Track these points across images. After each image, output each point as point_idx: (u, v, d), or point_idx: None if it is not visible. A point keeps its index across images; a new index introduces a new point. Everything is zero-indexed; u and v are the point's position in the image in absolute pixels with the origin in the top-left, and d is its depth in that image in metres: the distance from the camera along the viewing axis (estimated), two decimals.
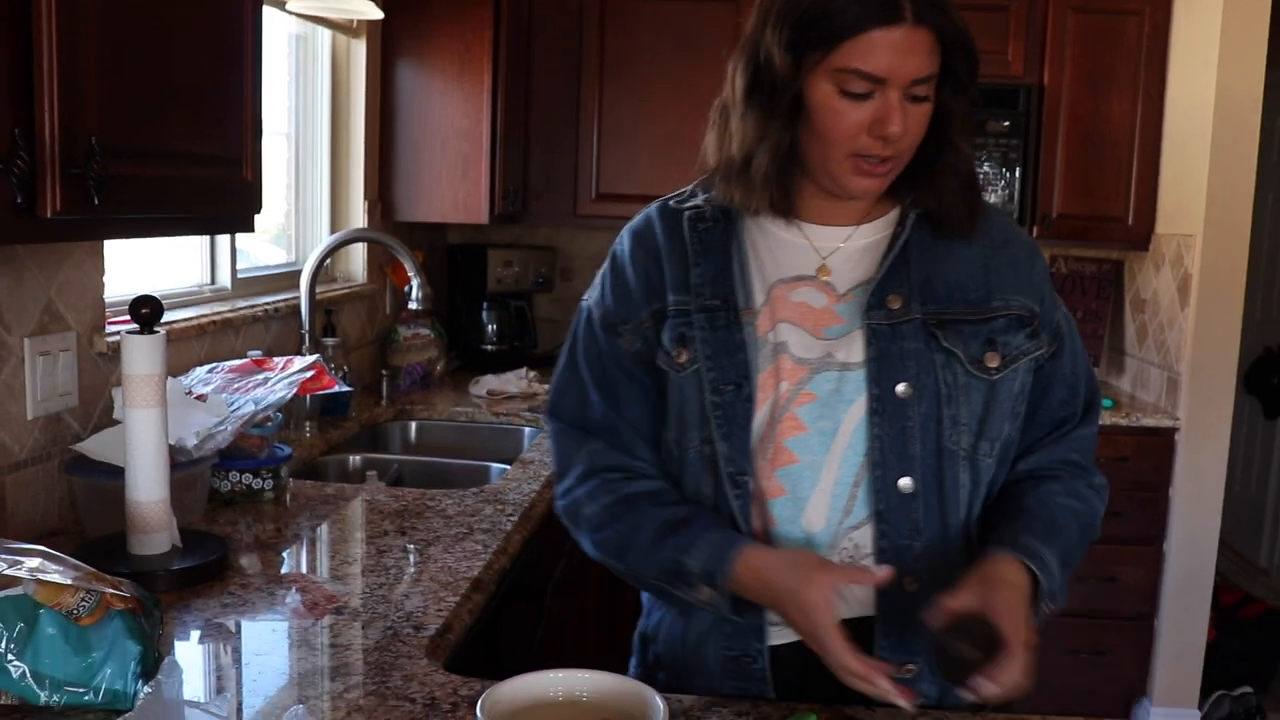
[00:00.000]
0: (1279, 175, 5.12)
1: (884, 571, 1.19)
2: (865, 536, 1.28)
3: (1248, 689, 3.71)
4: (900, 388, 1.25)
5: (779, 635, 1.30)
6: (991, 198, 3.71)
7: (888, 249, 1.29)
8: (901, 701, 1.11)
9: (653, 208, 1.39)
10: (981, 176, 3.69)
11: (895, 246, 1.29)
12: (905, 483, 1.26)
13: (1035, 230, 3.77)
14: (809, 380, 1.27)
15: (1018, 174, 3.71)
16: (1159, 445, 3.56)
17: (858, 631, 1.23)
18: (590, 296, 1.40)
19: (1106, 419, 3.54)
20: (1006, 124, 3.68)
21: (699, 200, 1.35)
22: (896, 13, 1.16)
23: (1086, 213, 3.78)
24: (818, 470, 1.27)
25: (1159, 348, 3.72)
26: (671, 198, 1.39)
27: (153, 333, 1.62)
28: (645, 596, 1.45)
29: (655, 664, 1.42)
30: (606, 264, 1.40)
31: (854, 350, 1.27)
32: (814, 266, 1.31)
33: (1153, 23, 3.68)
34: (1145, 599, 3.63)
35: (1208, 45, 3.42)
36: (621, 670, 1.28)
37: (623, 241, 1.39)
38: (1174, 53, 3.66)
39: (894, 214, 1.32)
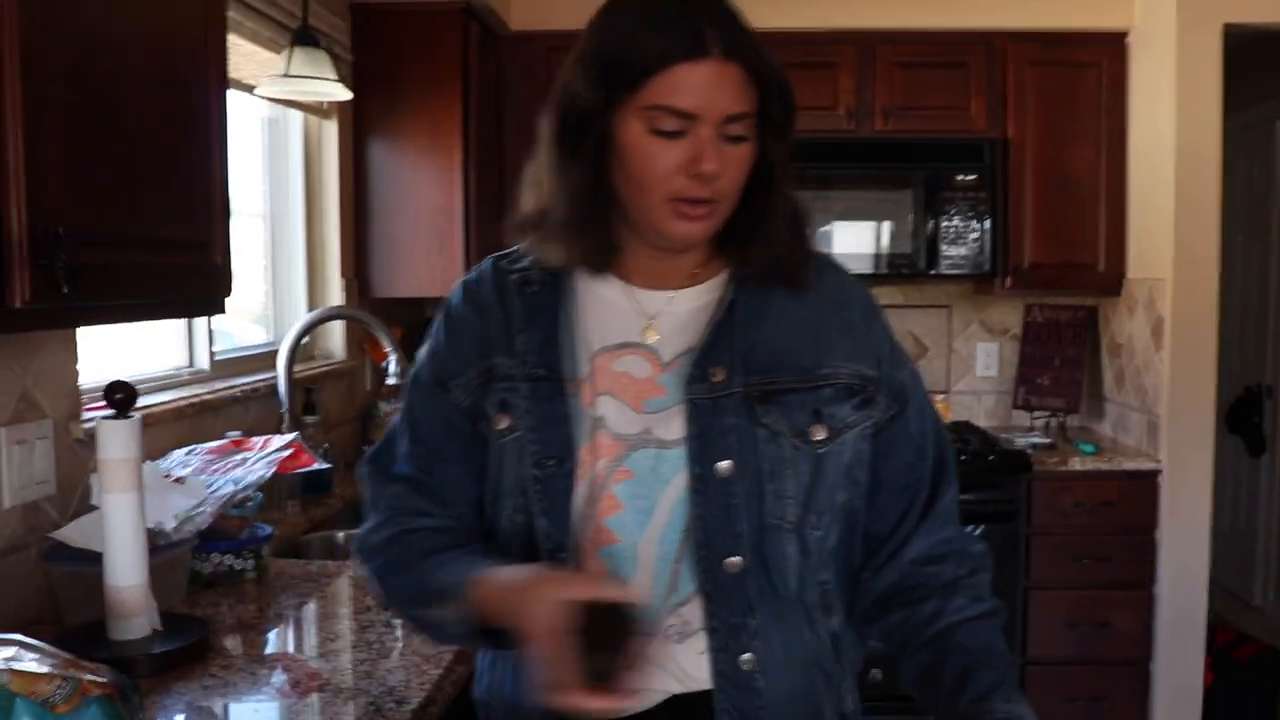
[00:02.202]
0: (1247, 216, 5.20)
1: (637, 590, 1.17)
2: (694, 612, 1.22)
3: None
4: (722, 465, 1.20)
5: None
6: (962, 250, 3.76)
7: (714, 314, 1.24)
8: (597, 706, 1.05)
9: (486, 263, 1.34)
10: (952, 230, 3.74)
11: (720, 312, 1.24)
12: (733, 560, 1.20)
13: (1008, 281, 3.81)
14: (626, 457, 1.21)
15: (987, 226, 3.76)
16: (1143, 488, 3.57)
17: (697, 705, 1.21)
18: (423, 349, 1.34)
19: (1090, 464, 3.56)
20: (974, 177, 3.74)
21: (526, 263, 1.30)
22: (701, 47, 1.13)
23: (1058, 261, 3.83)
24: (635, 549, 1.22)
25: (1137, 391, 3.75)
26: (503, 256, 1.34)
27: (127, 417, 1.62)
28: (479, 659, 1.36)
29: None
30: (439, 316, 1.34)
31: (673, 427, 1.21)
32: (639, 329, 1.26)
33: (1110, 74, 3.76)
34: (1139, 643, 3.61)
35: (1165, 94, 3.50)
36: None
37: (455, 295, 1.34)
38: (1133, 102, 3.74)
39: (722, 277, 1.28)
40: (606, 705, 1.04)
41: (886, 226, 3.77)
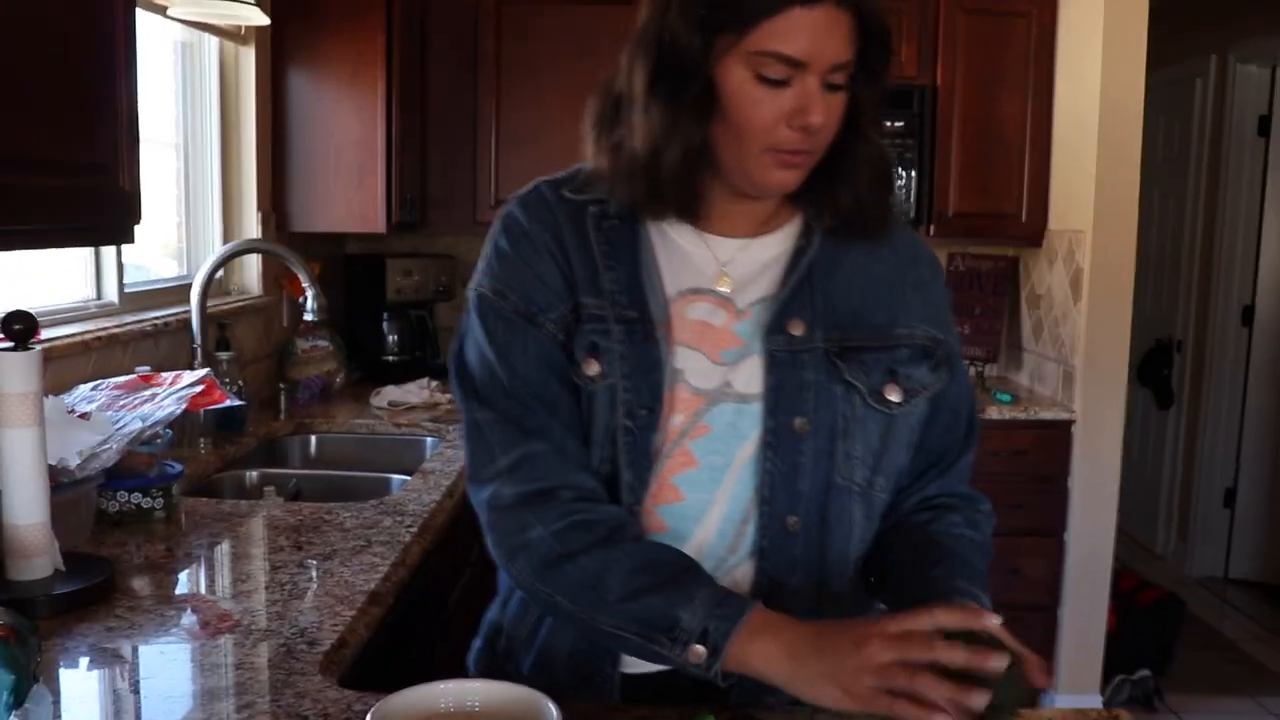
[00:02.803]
0: (1164, 172, 5.29)
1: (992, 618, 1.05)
2: (745, 573, 1.20)
3: (1146, 672, 3.82)
4: (797, 421, 1.17)
5: (633, 665, 1.23)
6: None
7: (791, 265, 1.21)
8: None
9: (543, 186, 1.24)
10: None
11: (800, 264, 1.21)
12: (793, 519, 1.19)
13: (932, 229, 3.83)
14: (705, 412, 1.18)
15: (913, 174, 3.77)
16: (1056, 438, 3.64)
17: None
18: (483, 282, 1.22)
19: (1006, 413, 3.61)
20: (901, 124, 3.74)
21: (595, 194, 1.22)
22: None
23: (981, 210, 3.86)
24: (704, 508, 1.19)
25: (1054, 342, 3.81)
26: (556, 182, 1.24)
27: (28, 349, 1.55)
28: (503, 582, 1.32)
29: (506, 654, 1.31)
30: (501, 242, 1.22)
31: (753, 380, 1.18)
32: (712, 276, 1.21)
33: (1039, 24, 3.77)
34: (1047, 590, 3.70)
35: (1091, 47, 3.52)
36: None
37: (518, 216, 1.22)
38: (1061, 54, 3.76)
39: (796, 226, 1.24)
40: None
41: None
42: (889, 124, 3.73)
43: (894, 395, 1.20)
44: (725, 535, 1.20)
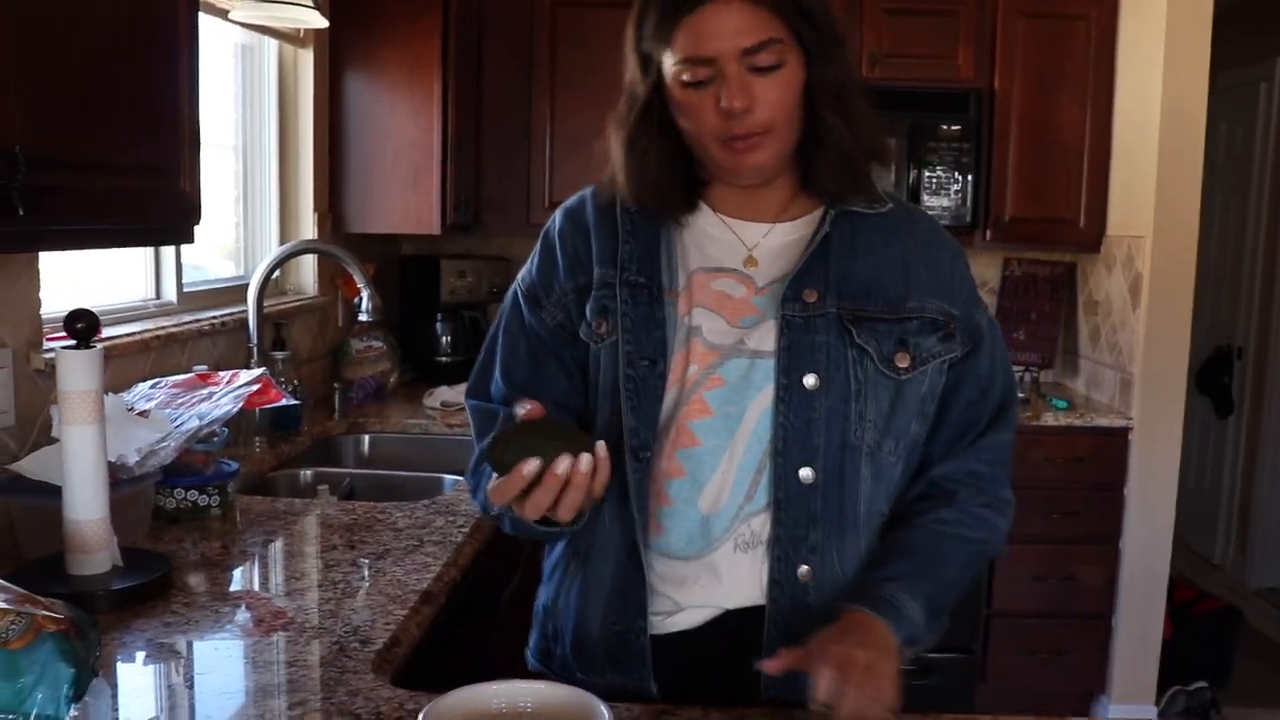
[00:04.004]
0: (1226, 177, 5.20)
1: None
2: (762, 524, 1.28)
3: (1203, 684, 3.75)
4: (809, 379, 1.26)
5: (663, 625, 1.31)
6: (944, 201, 3.73)
7: (808, 244, 1.30)
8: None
9: (588, 189, 1.40)
10: (934, 180, 3.71)
11: (815, 242, 1.30)
12: (806, 473, 1.26)
13: (988, 234, 3.79)
14: (719, 365, 1.28)
15: (970, 178, 3.73)
16: (1113, 445, 3.58)
17: (747, 621, 1.27)
18: (519, 276, 1.42)
19: (1062, 420, 3.56)
20: (958, 128, 3.70)
21: None
22: None
23: (1038, 215, 3.81)
24: (719, 455, 1.28)
25: (1112, 349, 3.75)
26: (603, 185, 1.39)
27: (89, 347, 1.58)
28: (546, 566, 1.44)
29: (554, 636, 1.40)
30: (539, 243, 1.41)
31: (766, 339, 1.28)
32: (740, 259, 1.32)
33: (1099, 27, 3.71)
34: (1102, 598, 3.65)
35: (1153, 49, 3.46)
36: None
37: (555, 220, 1.40)
38: (1121, 57, 3.70)
39: (818, 212, 1.33)
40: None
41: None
42: (945, 128, 3.69)
43: (903, 362, 1.29)
44: (741, 484, 1.28)
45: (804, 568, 1.27)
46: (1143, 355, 3.53)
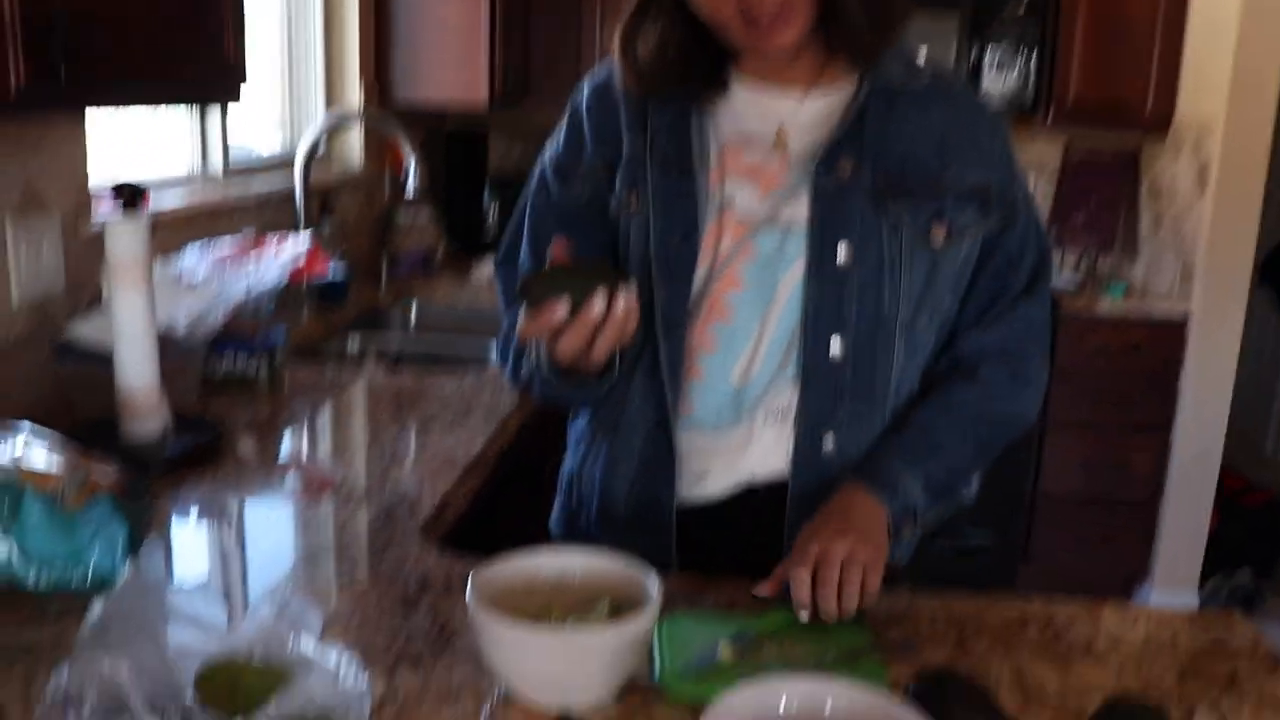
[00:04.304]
0: None
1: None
2: (791, 397, 1.27)
3: (1247, 572, 3.73)
4: (842, 251, 1.23)
5: (689, 495, 1.31)
6: (1006, 82, 3.61)
7: (843, 116, 1.25)
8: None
9: (610, 62, 1.33)
10: (997, 59, 3.58)
11: (851, 114, 1.24)
12: (836, 346, 1.24)
13: (1050, 115, 3.66)
14: (751, 238, 1.24)
15: (1033, 56, 3.59)
16: (1170, 333, 3.52)
17: (771, 495, 1.27)
18: (546, 152, 1.38)
19: (1119, 308, 3.49)
20: (1025, 3, 3.55)
21: None
22: None
23: (1104, 97, 3.66)
24: (751, 328, 1.26)
25: (1174, 236, 3.65)
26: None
27: (136, 216, 1.56)
28: (571, 435, 1.44)
29: (578, 505, 1.40)
30: (565, 118, 1.37)
31: (799, 210, 1.24)
32: (771, 130, 1.27)
33: None
34: (1150, 486, 3.62)
35: None
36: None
37: (581, 92, 1.35)
38: None
39: (852, 82, 1.27)
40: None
41: (926, 52, 3.60)
42: (1011, 4, 3.54)
43: (939, 234, 1.25)
44: (773, 357, 1.26)
45: (829, 442, 1.26)
46: (1206, 244, 3.43)
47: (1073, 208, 3.97)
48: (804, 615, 1.10)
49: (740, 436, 1.28)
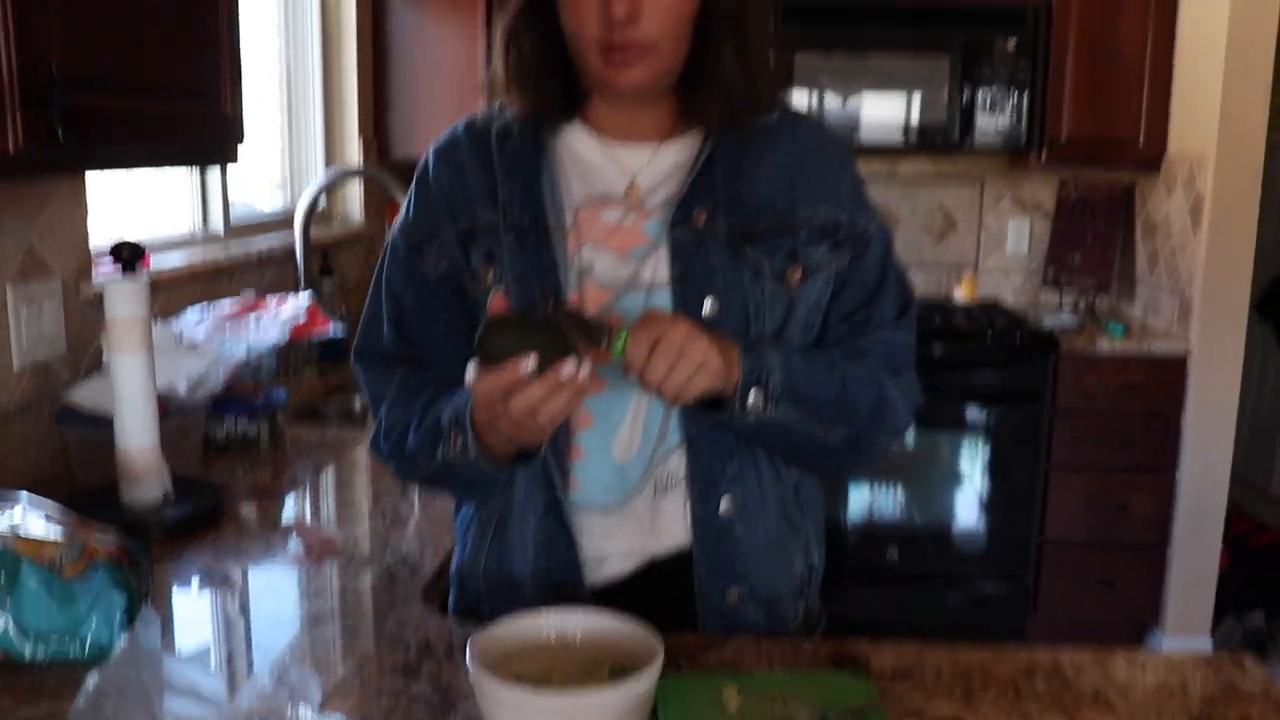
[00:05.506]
0: None
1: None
2: (677, 463, 1.24)
3: (1258, 615, 3.70)
4: (706, 305, 1.20)
5: (594, 576, 1.27)
6: (998, 122, 3.63)
7: (692, 165, 1.23)
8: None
9: (459, 125, 1.31)
10: (989, 100, 3.61)
11: (699, 162, 1.23)
12: None
13: (1044, 154, 3.69)
14: (615, 303, 1.21)
15: (1025, 96, 3.62)
16: (1170, 372, 3.51)
17: (676, 567, 1.25)
18: (396, 224, 1.32)
19: (1118, 346, 3.49)
20: (1014, 43, 3.59)
21: (505, 117, 1.27)
22: None
23: (1096, 134, 3.68)
24: (627, 398, 1.22)
25: (1170, 273, 3.66)
26: (474, 119, 1.30)
27: (135, 276, 1.57)
28: (458, 528, 1.38)
29: (479, 596, 1.33)
30: (412, 187, 1.31)
31: (660, 269, 1.21)
32: (622, 186, 1.24)
33: None
34: (1156, 528, 3.60)
35: None
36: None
37: (427, 161, 1.31)
38: None
39: (700, 132, 1.25)
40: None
41: (919, 96, 3.63)
42: (1001, 44, 3.58)
43: (795, 274, 1.23)
44: (653, 424, 1.24)
45: (725, 501, 1.24)
46: (1203, 280, 3.44)
47: (1069, 248, 3.99)
48: (633, 377, 1.08)
49: (634, 512, 1.25)
